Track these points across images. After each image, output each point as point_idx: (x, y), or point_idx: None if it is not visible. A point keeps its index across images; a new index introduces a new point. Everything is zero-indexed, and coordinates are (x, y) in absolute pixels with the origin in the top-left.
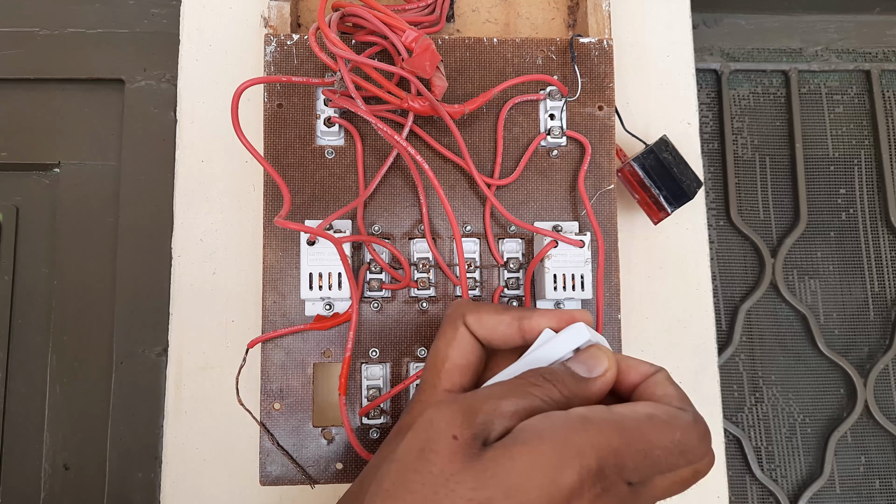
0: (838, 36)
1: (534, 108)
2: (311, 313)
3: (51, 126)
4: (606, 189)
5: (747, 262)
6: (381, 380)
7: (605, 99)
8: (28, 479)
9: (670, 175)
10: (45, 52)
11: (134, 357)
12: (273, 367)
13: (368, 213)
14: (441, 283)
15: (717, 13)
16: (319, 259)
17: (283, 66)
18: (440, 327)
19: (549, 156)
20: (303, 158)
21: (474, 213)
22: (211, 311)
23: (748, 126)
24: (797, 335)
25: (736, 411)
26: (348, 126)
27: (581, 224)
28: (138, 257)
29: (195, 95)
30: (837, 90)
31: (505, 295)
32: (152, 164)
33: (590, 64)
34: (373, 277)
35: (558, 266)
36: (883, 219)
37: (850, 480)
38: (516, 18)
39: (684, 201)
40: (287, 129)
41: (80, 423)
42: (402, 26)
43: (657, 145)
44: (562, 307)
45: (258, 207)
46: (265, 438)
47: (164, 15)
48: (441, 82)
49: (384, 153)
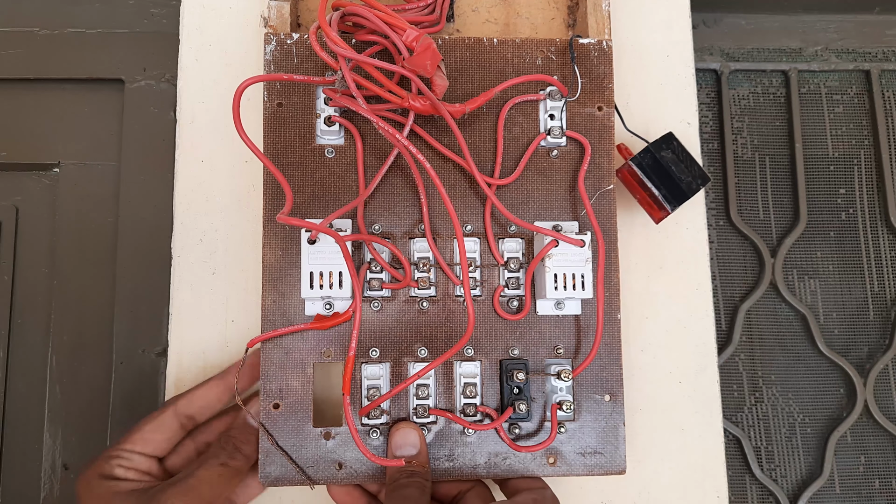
0: (838, 36)
1: (534, 108)
2: (311, 313)
3: (51, 126)
4: (606, 189)
5: (747, 262)
6: (381, 379)
7: (605, 99)
8: (28, 479)
9: (668, 174)
10: (45, 52)
11: (134, 357)
12: (273, 366)
13: (368, 212)
14: (441, 282)
15: (716, 13)
16: (320, 258)
17: (283, 65)
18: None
19: (549, 156)
20: (303, 157)
21: (474, 213)
22: (211, 311)
23: (748, 126)
24: (797, 335)
25: (736, 411)
26: (348, 125)
27: (581, 224)
28: (138, 257)
29: (195, 95)
30: (837, 90)
31: (505, 295)
32: (152, 164)
33: (589, 64)
34: (373, 277)
35: (559, 265)
36: (883, 219)
37: (850, 480)
38: (516, 18)
39: (684, 200)
40: (287, 128)
41: (80, 423)
42: (403, 25)
43: (656, 144)
44: (562, 306)
45: (258, 207)
46: (265, 439)
47: (164, 15)
48: (442, 81)
49: (384, 152)
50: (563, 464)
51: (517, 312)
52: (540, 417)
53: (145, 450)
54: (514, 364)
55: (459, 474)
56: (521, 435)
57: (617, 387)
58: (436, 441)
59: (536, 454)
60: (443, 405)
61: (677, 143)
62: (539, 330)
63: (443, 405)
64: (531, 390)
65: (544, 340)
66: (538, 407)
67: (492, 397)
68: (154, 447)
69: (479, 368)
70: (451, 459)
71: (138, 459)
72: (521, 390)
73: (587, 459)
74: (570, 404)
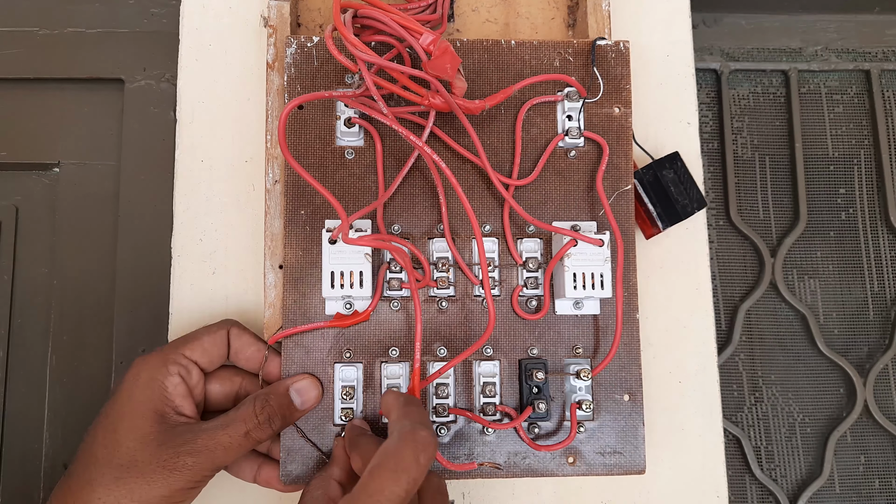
0: (838, 36)
1: (551, 109)
2: (331, 312)
3: (51, 126)
4: (624, 189)
5: (747, 262)
6: (401, 379)
7: (622, 100)
8: (28, 479)
9: (666, 193)
10: (44, 51)
11: (134, 357)
12: (293, 365)
13: (388, 213)
14: (460, 282)
15: (716, 13)
16: (341, 258)
17: (304, 68)
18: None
19: (566, 156)
20: (323, 159)
21: (493, 213)
22: (211, 311)
23: (748, 126)
24: (797, 335)
25: (736, 411)
26: (368, 127)
27: (599, 224)
28: (138, 257)
29: (195, 95)
30: (837, 90)
31: (524, 294)
32: (152, 164)
33: (606, 66)
34: (393, 276)
35: (578, 265)
36: (883, 219)
37: (850, 480)
38: (516, 18)
39: (677, 221)
40: (307, 130)
41: (80, 423)
42: (419, 29)
43: (660, 162)
44: (581, 306)
45: (258, 207)
46: (286, 436)
47: (164, 15)
48: (462, 83)
49: (403, 153)
50: (582, 463)
51: (536, 312)
52: (559, 417)
53: (201, 361)
54: (533, 363)
55: (479, 473)
56: (540, 434)
57: (636, 386)
58: (455, 440)
59: (556, 454)
60: (462, 404)
61: (681, 164)
62: (558, 329)
63: (462, 404)
64: (550, 390)
65: (563, 340)
66: (557, 406)
67: (511, 397)
68: (208, 361)
69: (497, 368)
70: (471, 458)
71: (195, 373)
72: (541, 390)
73: (606, 459)
74: (590, 404)
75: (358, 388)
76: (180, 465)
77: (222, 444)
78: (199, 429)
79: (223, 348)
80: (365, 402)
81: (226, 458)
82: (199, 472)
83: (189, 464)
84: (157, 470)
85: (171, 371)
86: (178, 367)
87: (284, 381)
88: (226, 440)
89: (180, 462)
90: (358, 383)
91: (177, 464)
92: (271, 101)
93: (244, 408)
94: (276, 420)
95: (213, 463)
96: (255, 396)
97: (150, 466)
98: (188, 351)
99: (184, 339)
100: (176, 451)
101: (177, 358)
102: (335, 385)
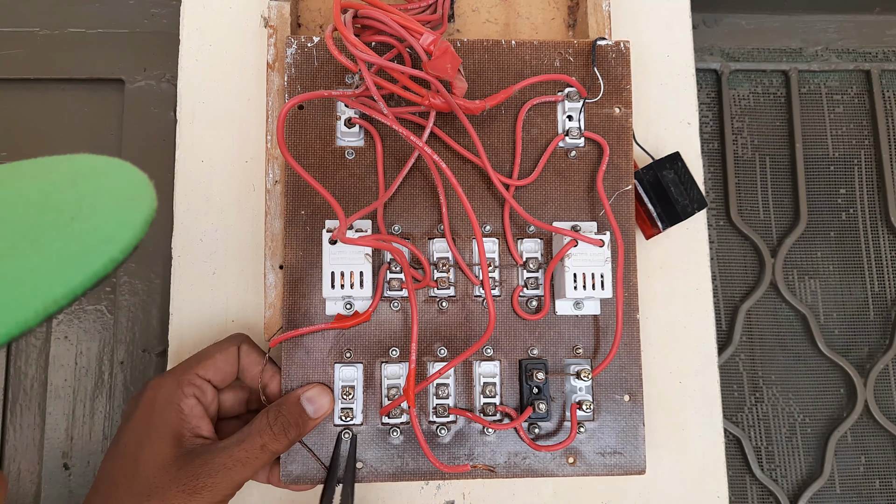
0: (838, 36)
1: (552, 109)
2: (332, 312)
3: (51, 126)
4: (624, 189)
5: (747, 262)
6: (401, 379)
7: (623, 100)
8: (28, 478)
9: (667, 194)
10: (45, 52)
11: (134, 357)
12: (294, 366)
13: (388, 213)
14: (461, 282)
15: (717, 13)
16: (341, 258)
17: (304, 68)
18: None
19: (567, 156)
20: (323, 159)
21: (493, 214)
22: (211, 311)
23: (748, 126)
24: (797, 335)
25: (736, 411)
26: (368, 127)
27: (599, 224)
28: (138, 257)
29: (195, 95)
30: (837, 90)
31: (524, 295)
32: (152, 164)
33: (607, 66)
34: (393, 277)
35: (578, 265)
36: (883, 219)
37: (850, 480)
38: (516, 18)
39: (677, 221)
40: (308, 131)
41: (80, 422)
42: (420, 29)
43: (660, 162)
44: (581, 306)
45: (258, 207)
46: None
47: (164, 15)
48: (462, 84)
49: (403, 154)
50: (582, 463)
51: (536, 312)
52: (559, 417)
53: (215, 379)
54: (533, 364)
55: (477, 475)
56: (540, 434)
57: (636, 387)
58: (455, 440)
59: (556, 454)
60: (462, 405)
61: (682, 165)
62: (558, 330)
63: (462, 405)
64: (550, 390)
65: (563, 340)
66: (557, 407)
67: (511, 397)
68: (221, 378)
69: (498, 368)
70: (471, 458)
71: (209, 392)
72: (541, 390)
73: (607, 459)
74: (590, 404)
75: (358, 388)
76: (200, 486)
77: (240, 460)
78: (216, 448)
79: (235, 365)
80: (365, 402)
81: (244, 474)
82: (220, 491)
83: (209, 484)
84: (178, 495)
85: (186, 393)
86: (193, 388)
87: (295, 391)
88: (243, 456)
89: (200, 484)
90: (358, 383)
91: (196, 485)
92: (271, 102)
93: (258, 422)
94: (290, 430)
95: (233, 480)
96: (267, 409)
97: (171, 492)
98: (202, 370)
99: (196, 357)
100: (195, 472)
101: (191, 379)
102: (335, 385)
